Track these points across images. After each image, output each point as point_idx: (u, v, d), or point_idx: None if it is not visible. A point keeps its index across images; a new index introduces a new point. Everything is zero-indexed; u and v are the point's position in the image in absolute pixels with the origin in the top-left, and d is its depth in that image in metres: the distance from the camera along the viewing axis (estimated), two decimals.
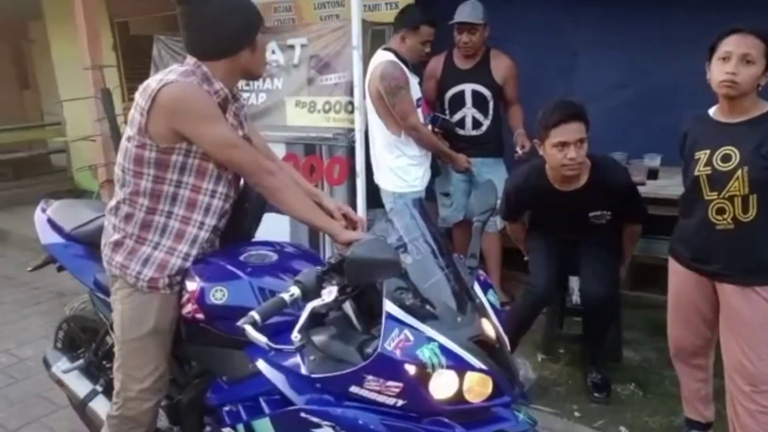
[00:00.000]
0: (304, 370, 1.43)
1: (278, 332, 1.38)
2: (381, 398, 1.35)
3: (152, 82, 1.60)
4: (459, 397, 1.34)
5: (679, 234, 2.17)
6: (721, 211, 1.96)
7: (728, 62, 1.86)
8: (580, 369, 2.86)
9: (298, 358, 1.45)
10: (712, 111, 2.04)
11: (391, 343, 1.32)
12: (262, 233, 2.01)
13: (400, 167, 3.18)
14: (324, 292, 1.37)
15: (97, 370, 2.22)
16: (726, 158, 1.93)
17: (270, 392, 1.52)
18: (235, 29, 1.65)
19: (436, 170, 3.44)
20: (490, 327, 1.43)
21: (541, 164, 2.50)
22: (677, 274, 2.19)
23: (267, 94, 3.96)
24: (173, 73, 1.62)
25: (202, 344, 1.72)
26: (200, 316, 1.63)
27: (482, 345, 1.39)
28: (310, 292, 1.36)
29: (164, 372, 1.75)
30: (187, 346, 1.78)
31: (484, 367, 1.35)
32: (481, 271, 1.64)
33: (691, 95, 3.28)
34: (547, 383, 2.80)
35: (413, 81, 3.12)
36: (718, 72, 1.88)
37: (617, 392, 2.69)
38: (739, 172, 1.89)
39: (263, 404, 1.54)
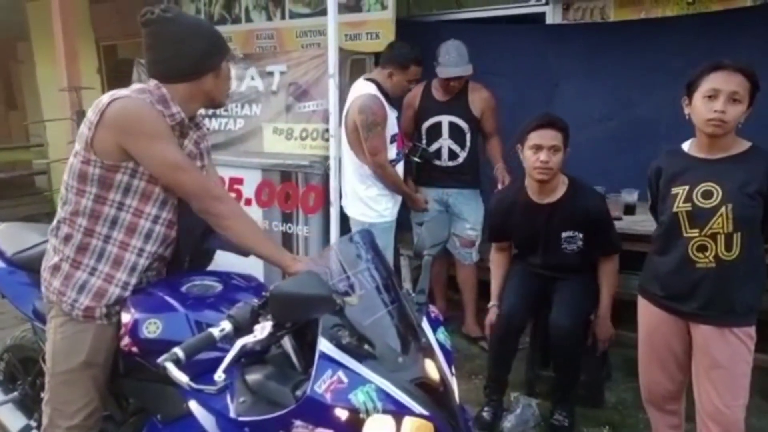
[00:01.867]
0: (232, 413, 1.33)
1: (213, 369, 1.26)
2: None
3: (105, 96, 1.55)
4: None
5: (653, 272, 2.08)
6: (702, 249, 1.89)
7: (716, 100, 1.81)
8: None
9: (228, 400, 1.35)
10: (686, 146, 2.00)
11: (322, 386, 1.22)
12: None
13: (370, 197, 3.12)
14: (257, 327, 1.27)
15: (33, 403, 2.11)
16: (707, 194, 1.87)
17: None
18: (199, 52, 1.61)
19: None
20: (434, 369, 1.33)
21: (522, 178, 2.61)
22: (649, 315, 2.10)
23: (245, 120, 3.91)
24: (127, 89, 1.57)
25: (139, 380, 1.62)
26: (135, 349, 1.54)
27: (426, 388, 1.29)
28: (243, 328, 1.27)
29: (96, 408, 1.65)
30: (124, 381, 1.68)
31: (424, 411, 1.25)
32: (432, 308, 1.56)
33: (672, 128, 3.30)
34: None
35: (391, 115, 3.06)
36: (705, 110, 1.83)
37: None
38: (723, 209, 1.83)
39: None
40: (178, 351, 1.21)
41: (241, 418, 1.31)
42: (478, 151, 3.42)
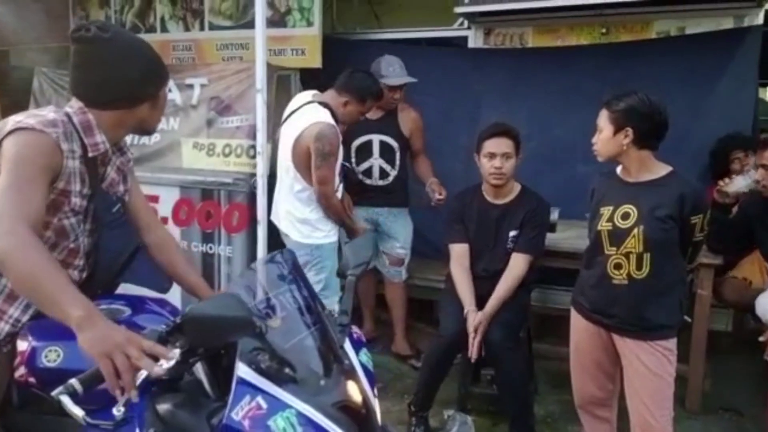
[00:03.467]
0: None
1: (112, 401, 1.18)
2: None
3: (10, 121, 1.37)
4: None
5: (581, 286, 2.20)
6: (618, 266, 2.01)
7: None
8: (491, 426, 2.80)
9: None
10: (619, 170, 2.11)
11: (240, 412, 1.15)
12: None
13: (317, 219, 2.96)
14: None
15: None
16: (625, 216, 1.99)
17: None
18: (136, 79, 1.46)
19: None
20: (356, 391, 1.30)
21: (479, 183, 2.81)
22: (579, 326, 2.20)
23: (161, 134, 3.69)
24: (36, 119, 1.39)
25: (36, 413, 1.43)
26: (32, 380, 1.38)
27: (348, 411, 1.26)
28: (149, 356, 1.18)
29: None
30: (18, 415, 1.49)
31: None
32: (354, 329, 1.53)
33: (588, 151, 3.46)
34: None
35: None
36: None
37: None
38: (636, 230, 1.95)
39: None
40: (74, 382, 1.11)
41: None
42: (407, 171, 3.44)
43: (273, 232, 3.20)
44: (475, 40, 3.78)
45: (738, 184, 2.55)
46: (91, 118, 1.46)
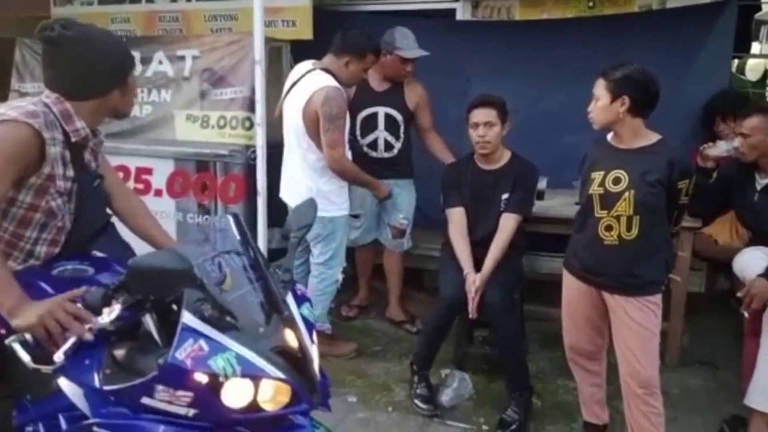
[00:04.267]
0: (97, 383, 1.40)
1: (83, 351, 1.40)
2: (173, 408, 1.35)
3: None
4: (255, 405, 1.37)
5: (573, 247, 2.33)
6: (608, 228, 2.14)
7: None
8: (487, 383, 2.95)
9: (96, 373, 1.42)
10: (610, 137, 2.23)
11: (183, 353, 1.32)
12: None
13: (331, 191, 3.00)
14: (105, 311, 1.35)
15: None
16: (617, 180, 2.12)
17: (69, 408, 1.46)
18: (106, 72, 1.60)
19: None
20: (293, 338, 1.45)
21: (472, 152, 2.93)
22: (570, 285, 2.34)
23: (153, 107, 3.72)
24: (17, 110, 1.49)
25: (5, 362, 1.58)
26: (3, 331, 1.51)
27: (285, 355, 1.42)
28: (95, 310, 1.36)
29: None
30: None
31: (281, 375, 1.38)
32: (299, 286, 1.69)
33: (574, 122, 3.60)
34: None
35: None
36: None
37: None
38: (627, 194, 2.08)
39: (62, 421, 1.48)
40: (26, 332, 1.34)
41: (106, 388, 1.38)
42: (411, 142, 3.48)
43: (274, 204, 3.25)
44: (463, 12, 3.84)
45: (720, 148, 2.71)
46: (69, 107, 1.58)
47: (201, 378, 1.32)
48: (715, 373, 3.09)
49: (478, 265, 2.75)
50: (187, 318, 1.36)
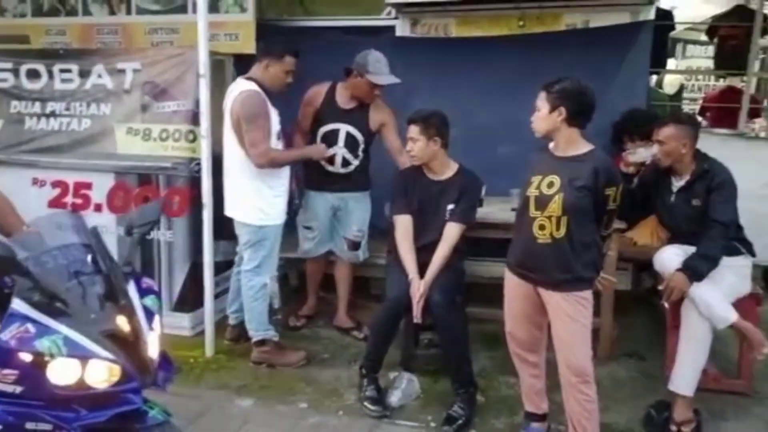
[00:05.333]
0: None
1: None
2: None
3: None
4: (83, 383, 1.52)
5: (513, 249, 2.50)
6: (542, 228, 2.31)
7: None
8: (433, 383, 3.05)
9: None
10: (551, 145, 2.41)
11: (8, 335, 1.47)
12: None
13: (263, 199, 3.09)
14: None
15: None
16: (550, 185, 2.30)
17: None
18: None
19: (297, 204, 3.42)
20: (125, 323, 1.61)
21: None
22: (510, 282, 2.50)
23: (92, 120, 3.67)
24: None
25: None
26: None
27: (117, 339, 1.58)
28: None
29: None
30: None
31: (110, 356, 1.53)
32: (146, 279, 1.86)
33: (507, 135, 3.83)
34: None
35: (274, 112, 3.07)
36: None
37: None
38: (557, 197, 2.26)
39: None
40: None
41: None
42: (369, 158, 3.55)
43: (220, 217, 3.28)
44: (402, 29, 4.00)
45: (640, 154, 2.95)
46: None
47: (25, 357, 1.47)
48: (642, 364, 3.33)
49: (422, 270, 2.87)
50: (17, 303, 1.52)
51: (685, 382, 2.67)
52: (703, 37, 6.63)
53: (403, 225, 2.98)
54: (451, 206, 2.95)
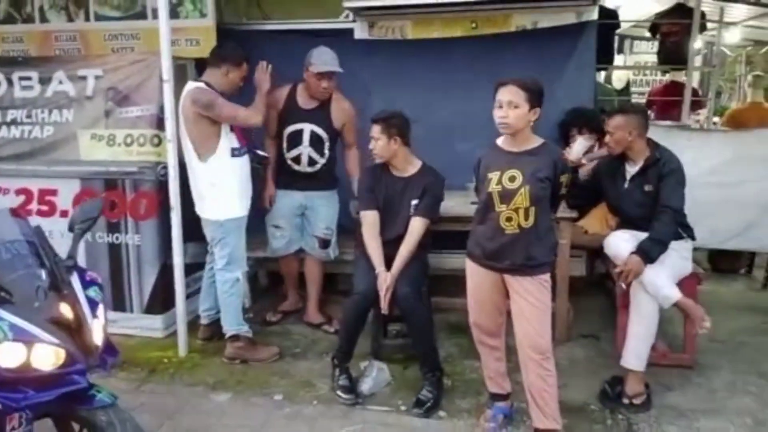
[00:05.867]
0: None
1: None
2: None
3: None
4: (29, 365, 1.65)
5: (475, 239, 2.62)
6: (509, 220, 2.46)
7: (501, 108, 2.40)
8: (402, 370, 3.20)
9: None
10: (499, 141, 2.56)
11: None
12: None
13: (221, 194, 3.21)
14: None
15: None
16: (512, 179, 2.44)
17: None
18: None
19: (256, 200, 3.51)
20: (68, 311, 1.77)
21: None
22: (474, 273, 2.63)
23: (54, 127, 3.67)
24: None
25: None
26: None
27: (61, 325, 1.73)
28: None
29: None
30: None
31: (54, 340, 1.69)
32: (91, 273, 2.02)
33: (464, 131, 4.00)
34: None
35: None
36: (496, 115, 2.42)
37: None
38: (522, 189, 2.41)
39: None
40: None
41: None
42: (336, 158, 3.66)
43: (188, 219, 3.37)
44: (360, 32, 4.11)
45: (575, 150, 3.15)
46: None
47: None
48: (597, 344, 3.55)
49: (388, 263, 3.00)
50: None
51: (635, 358, 2.88)
52: (648, 34, 6.93)
53: (370, 220, 3.11)
54: (415, 202, 3.08)
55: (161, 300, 3.63)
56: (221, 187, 3.22)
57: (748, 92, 6.00)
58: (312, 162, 3.58)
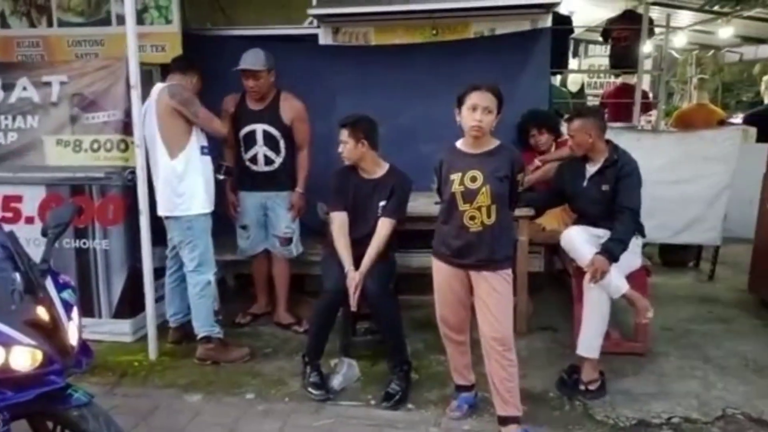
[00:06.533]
0: None
1: None
2: None
3: None
4: (7, 366, 1.71)
5: (441, 238, 2.73)
6: (472, 218, 2.58)
7: (476, 112, 2.51)
8: (371, 366, 3.30)
9: None
10: (459, 144, 2.68)
11: None
12: None
13: (186, 190, 3.27)
14: None
15: None
16: (473, 179, 2.56)
17: None
18: None
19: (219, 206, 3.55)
20: (45, 313, 1.83)
21: None
22: (440, 270, 2.74)
23: (18, 133, 3.67)
24: None
25: None
26: None
27: (38, 327, 1.79)
28: None
29: None
30: None
31: (32, 341, 1.75)
32: (62, 276, 2.06)
33: (427, 133, 4.14)
34: None
35: None
36: (469, 118, 2.52)
37: None
38: (484, 188, 2.54)
39: None
40: None
41: None
42: (293, 156, 3.73)
43: (156, 222, 3.41)
44: (324, 37, 4.21)
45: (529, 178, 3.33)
46: None
47: None
48: (555, 336, 3.73)
49: (357, 262, 3.11)
50: None
51: (589, 346, 3.05)
52: (600, 39, 7.21)
53: (339, 221, 3.21)
54: (382, 203, 3.19)
55: (130, 304, 3.65)
56: (189, 183, 3.27)
57: (694, 94, 6.35)
58: (269, 161, 3.68)
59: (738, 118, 8.42)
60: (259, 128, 3.64)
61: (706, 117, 5.78)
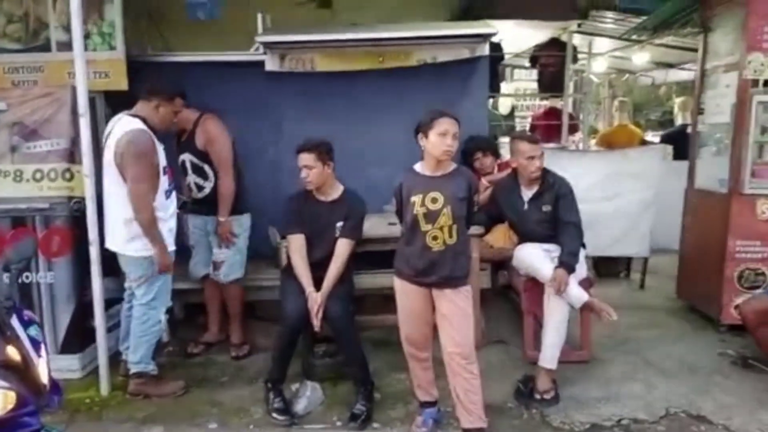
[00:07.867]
0: None
1: None
2: None
3: None
4: None
5: (404, 258, 2.82)
6: (435, 238, 2.70)
7: (446, 137, 2.64)
8: (334, 388, 3.32)
9: None
10: (417, 167, 2.80)
11: None
12: None
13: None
14: None
15: None
16: (434, 200, 2.68)
17: None
18: None
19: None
20: (15, 353, 1.82)
21: None
22: (403, 289, 2.83)
23: None
24: None
25: None
26: None
27: (10, 367, 1.78)
28: None
29: None
30: None
31: (4, 383, 1.74)
32: (26, 312, 2.06)
33: (377, 157, 4.25)
34: None
35: (159, 148, 3.16)
36: (441, 143, 2.63)
37: None
38: (445, 210, 2.66)
39: None
40: None
41: None
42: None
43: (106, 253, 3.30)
44: (271, 64, 4.25)
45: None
46: None
47: None
48: (506, 348, 3.88)
49: (317, 284, 3.15)
50: None
51: (552, 358, 3.21)
52: (527, 63, 7.61)
53: (298, 244, 3.25)
54: (340, 223, 3.25)
55: (77, 339, 3.52)
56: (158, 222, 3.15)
57: (615, 116, 6.79)
58: (199, 188, 3.70)
59: (654, 137, 9.08)
60: (186, 158, 3.68)
61: (629, 137, 6.20)
